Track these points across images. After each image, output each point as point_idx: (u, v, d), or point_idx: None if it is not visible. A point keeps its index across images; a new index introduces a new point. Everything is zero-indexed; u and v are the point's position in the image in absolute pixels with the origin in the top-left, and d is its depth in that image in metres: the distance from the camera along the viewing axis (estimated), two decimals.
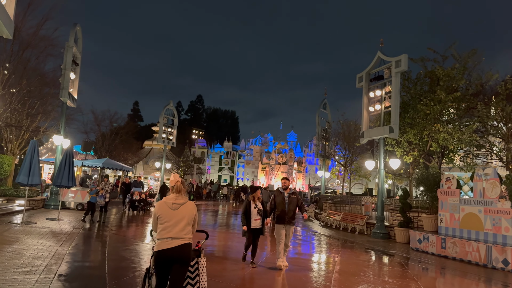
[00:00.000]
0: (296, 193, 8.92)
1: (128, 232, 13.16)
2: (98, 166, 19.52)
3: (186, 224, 4.33)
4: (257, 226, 8.38)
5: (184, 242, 4.26)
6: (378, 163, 16.26)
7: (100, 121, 32.51)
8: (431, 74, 16.21)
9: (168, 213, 4.29)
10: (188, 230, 4.36)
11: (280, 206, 8.39)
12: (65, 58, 17.45)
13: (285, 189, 8.60)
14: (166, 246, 4.16)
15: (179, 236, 4.24)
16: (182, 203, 4.38)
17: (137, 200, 18.88)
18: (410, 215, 15.14)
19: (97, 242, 10.54)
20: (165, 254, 4.16)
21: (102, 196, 14.28)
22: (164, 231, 4.22)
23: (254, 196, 8.59)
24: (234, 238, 13.22)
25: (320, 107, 29.58)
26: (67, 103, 18.25)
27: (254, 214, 8.38)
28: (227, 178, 77.31)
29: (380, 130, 16.18)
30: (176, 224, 4.25)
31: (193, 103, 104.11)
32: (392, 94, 15.77)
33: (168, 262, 4.18)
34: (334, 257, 11.04)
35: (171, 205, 4.33)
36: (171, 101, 33.73)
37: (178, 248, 4.19)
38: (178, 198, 4.40)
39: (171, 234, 4.19)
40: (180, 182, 4.52)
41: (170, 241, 4.17)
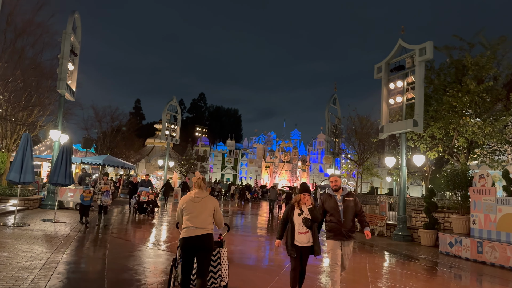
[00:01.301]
0: (353, 194, 6.34)
1: (132, 236, 11.89)
2: (98, 163, 18.33)
3: (207, 215, 4.88)
4: (303, 242, 5.69)
5: (206, 232, 4.79)
6: (400, 160, 15.05)
7: (101, 117, 31.38)
8: (457, 63, 14.99)
9: (190, 206, 4.88)
10: (209, 221, 4.89)
11: (333, 215, 5.97)
12: (62, 47, 16.27)
13: (337, 190, 6.13)
14: (190, 234, 4.73)
15: (201, 226, 4.77)
16: (203, 197, 4.95)
17: (145, 202, 16.39)
18: (436, 215, 13.95)
19: (96, 247, 9.36)
20: (189, 241, 4.73)
21: (108, 193, 12.51)
22: (188, 221, 4.81)
23: (300, 199, 5.87)
24: (246, 242, 12.06)
25: (329, 102, 28.35)
26: (65, 96, 17.09)
27: (298, 224, 5.76)
28: (230, 177, 76.20)
29: (402, 124, 14.97)
30: (198, 215, 4.81)
31: (195, 101, 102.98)
32: (416, 84, 14.56)
33: (192, 249, 4.73)
34: (359, 263, 9.85)
35: (193, 198, 4.92)
36: (175, 97, 32.59)
37: (200, 237, 4.72)
38: (199, 193, 4.97)
39: (193, 223, 4.76)
40: (201, 179, 5.10)
41: (193, 229, 4.74)
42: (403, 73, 15.54)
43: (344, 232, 5.90)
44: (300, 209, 5.82)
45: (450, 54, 15.33)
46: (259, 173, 75.06)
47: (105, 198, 12.43)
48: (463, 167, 13.83)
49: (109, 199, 12.57)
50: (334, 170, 27.98)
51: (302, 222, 5.72)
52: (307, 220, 5.73)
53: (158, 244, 10.22)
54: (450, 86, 14.79)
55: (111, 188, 12.93)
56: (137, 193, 16.94)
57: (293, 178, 68.44)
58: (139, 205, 16.34)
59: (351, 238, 6.00)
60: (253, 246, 11.37)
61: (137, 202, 16.49)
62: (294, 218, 5.79)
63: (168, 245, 10.23)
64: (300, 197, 5.88)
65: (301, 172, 71.02)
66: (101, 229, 11.93)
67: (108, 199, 12.48)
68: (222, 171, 77.11)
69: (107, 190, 12.56)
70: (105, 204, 12.47)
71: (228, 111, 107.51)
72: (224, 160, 78.38)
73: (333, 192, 6.14)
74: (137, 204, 16.39)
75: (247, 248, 10.86)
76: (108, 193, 12.53)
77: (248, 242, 11.91)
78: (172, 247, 9.88)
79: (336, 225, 5.92)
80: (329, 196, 6.17)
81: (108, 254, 8.29)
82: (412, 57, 15.02)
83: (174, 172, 48.63)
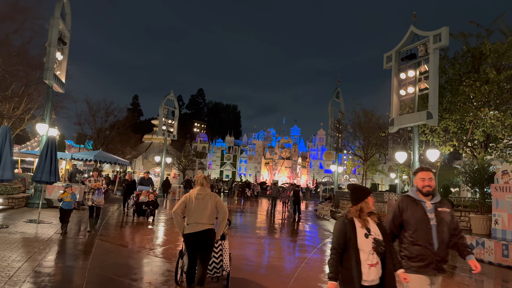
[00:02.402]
0: (448, 203, 4.02)
1: (122, 239, 10.44)
2: (89, 159, 17.25)
3: (210, 211, 5.13)
4: (374, 280, 3.42)
5: (207, 228, 5.07)
6: (412, 155, 14.02)
7: (95, 112, 30.18)
8: (474, 51, 13.93)
9: (193, 202, 5.10)
10: (212, 217, 5.16)
11: (419, 233, 3.73)
12: (50, 34, 15.15)
13: (427, 195, 3.82)
14: (192, 230, 5.03)
15: (203, 222, 5.05)
16: (205, 194, 5.21)
17: (144, 203, 14.27)
18: None
19: (79, 254, 8.30)
20: (192, 236, 5.03)
21: (100, 192, 10.56)
22: (190, 217, 5.09)
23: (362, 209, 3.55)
24: (249, 245, 11.03)
25: (333, 95, 27.33)
26: (54, 88, 16.00)
27: (367, 251, 3.43)
28: (229, 173, 75.19)
29: (414, 116, 13.94)
30: (200, 211, 5.07)
31: (194, 97, 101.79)
32: (430, 74, 13.51)
33: (195, 243, 5.05)
34: None
35: (196, 195, 5.16)
36: (172, 91, 31.48)
37: (202, 233, 5.01)
38: (202, 190, 5.24)
39: (196, 219, 5.04)
40: (204, 178, 5.35)
41: (195, 225, 5.02)
42: (415, 62, 14.49)
43: (436, 261, 3.71)
44: (366, 228, 3.50)
45: (467, 41, 14.26)
46: (258, 170, 74.08)
47: (98, 198, 10.54)
48: (480, 162, 12.83)
49: (102, 199, 10.71)
50: (337, 166, 26.97)
51: (372, 248, 3.44)
52: (379, 244, 3.48)
53: (151, 249, 9.17)
54: (467, 75, 13.74)
55: (103, 186, 10.89)
56: (136, 193, 15.22)
57: (293, 175, 67.46)
58: (137, 206, 14.32)
59: (443, 271, 3.82)
60: (255, 249, 10.36)
61: (135, 203, 14.53)
62: (359, 242, 3.43)
63: (163, 249, 9.19)
64: (364, 204, 3.55)
65: (301, 168, 70.05)
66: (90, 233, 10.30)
67: (101, 199, 10.62)
68: (221, 168, 76.10)
69: (99, 187, 10.61)
70: (98, 204, 10.54)
71: (227, 107, 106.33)
72: (223, 156, 77.33)
73: (420, 197, 3.83)
74: (136, 206, 14.42)
75: (250, 251, 9.84)
76: (100, 192, 10.63)
77: (249, 245, 10.90)
78: (167, 252, 8.85)
79: (424, 249, 3.70)
80: (412, 202, 3.84)
81: (92, 262, 7.24)
82: (425, 45, 13.96)
83: (172, 169, 47.58)
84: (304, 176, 69.84)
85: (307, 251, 10.47)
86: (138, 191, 15.02)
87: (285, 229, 16.03)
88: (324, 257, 9.76)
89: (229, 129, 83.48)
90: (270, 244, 11.53)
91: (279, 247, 11.34)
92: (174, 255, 8.15)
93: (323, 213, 21.65)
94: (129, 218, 14.54)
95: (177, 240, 10.05)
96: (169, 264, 7.51)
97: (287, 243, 12.25)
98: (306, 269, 8.01)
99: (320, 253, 10.40)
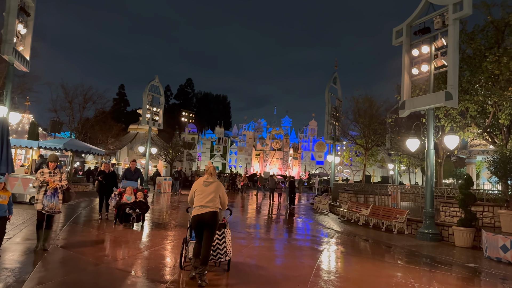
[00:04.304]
0: None
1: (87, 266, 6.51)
2: (58, 147, 15.10)
3: (215, 197, 5.94)
4: None
5: (212, 210, 5.83)
6: (426, 142, 12.32)
7: (72, 97, 27.76)
8: (499, 22, 12.21)
9: (201, 188, 6.01)
10: (216, 202, 5.94)
11: None
12: (7, 1, 12.99)
13: None
14: (199, 212, 5.80)
15: (208, 205, 5.82)
16: (212, 181, 6.08)
17: (129, 204, 10.55)
18: (472, 209, 11.29)
19: (14, 268, 6.37)
20: (198, 217, 5.80)
21: (55, 194, 7.25)
22: (197, 201, 5.92)
23: None
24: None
25: (330, 81, 25.52)
26: (15, 65, 13.86)
27: None
28: (219, 165, 73.40)
29: (430, 97, 12.21)
30: (206, 196, 5.89)
31: (182, 87, 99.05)
32: (449, 48, 11.75)
33: (201, 223, 5.78)
34: (377, 276, 7.07)
35: (203, 183, 6.05)
36: (157, 76, 29.32)
37: (207, 214, 5.77)
38: (209, 178, 6.09)
39: (202, 203, 5.84)
40: (213, 168, 6.28)
41: (201, 208, 5.81)
42: (430, 36, 12.75)
43: None
44: None
45: (490, 12, 12.50)
46: (249, 162, 72.43)
47: (50, 201, 7.16)
48: (499, 149, 11.20)
49: (58, 203, 7.28)
50: (334, 157, 25.26)
51: None
52: None
53: (116, 260, 7.27)
54: (489, 51, 12.02)
55: (62, 184, 7.42)
56: (118, 190, 11.54)
57: (285, 166, 65.96)
58: (120, 209, 10.56)
59: None
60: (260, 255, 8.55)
61: (117, 205, 10.82)
62: None
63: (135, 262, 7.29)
64: None
65: (292, 160, 68.55)
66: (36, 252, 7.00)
67: (55, 203, 7.22)
68: (211, 160, 74.21)
69: (55, 187, 7.25)
70: (50, 211, 7.17)
71: (217, 97, 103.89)
72: (212, 148, 75.44)
73: None
74: (118, 208, 10.71)
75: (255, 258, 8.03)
76: (55, 193, 7.25)
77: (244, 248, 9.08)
78: (139, 265, 6.98)
79: None
80: None
81: (32, 276, 5.32)
82: (442, 16, 12.20)
83: (159, 160, 45.49)
84: (295, 168, 68.39)
85: (314, 258, 8.70)
86: (122, 188, 11.47)
87: (284, 227, 14.28)
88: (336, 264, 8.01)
89: (219, 120, 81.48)
90: (266, 247, 9.73)
91: (280, 249, 9.56)
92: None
93: (321, 207, 19.97)
94: (107, 226, 10.64)
95: None
96: None
97: (288, 244, 10.49)
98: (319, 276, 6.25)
99: (331, 259, 8.65)
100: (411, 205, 17.41)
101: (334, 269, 7.55)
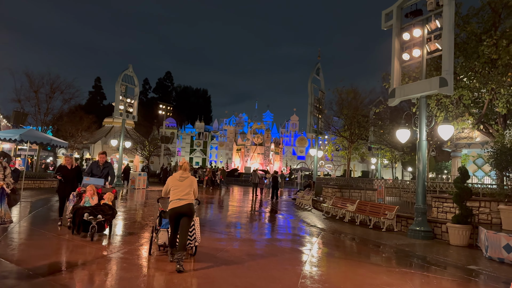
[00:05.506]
0: None
1: None
2: (14, 138, 13.39)
3: (190, 190, 6.46)
4: None
5: (188, 202, 6.39)
6: (418, 133, 11.40)
7: (38, 87, 25.73)
8: (496, 3, 11.36)
9: (177, 183, 6.46)
10: (191, 195, 6.48)
11: None
12: None
13: None
14: (177, 205, 6.30)
15: (185, 198, 6.36)
16: (186, 176, 6.56)
17: (90, 209, 8.13)
18: (468, 205, 10.45)
19: None
20: (177, 209, 6.31)
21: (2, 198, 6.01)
22: (175, 195, 6.37)
23: None
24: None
25: (313, 72, 24.51)
26: None
27: None
28: (199, 160, 71.82)
29: (423, 84, 11.27)
30: (183, 190, 6.39)
31: (161, 80, 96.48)
32: (444, 30, 10.83)
33: (178, 215, 6.32)
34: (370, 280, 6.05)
35: (179, 178, 6.51)
36: (130, 65, 27.70)
37: (185, 206, 6.32)
38: (184, 173, 6.58)
39: (180, 196, 6.34)
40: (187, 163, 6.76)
41: (179, 201, 6.31)
42: (422, 19, 11.81)
43: None
44: None
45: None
46: (230, 157, 71.12)
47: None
48: (499, 140, 10.38)
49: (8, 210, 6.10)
50: (317, 151, 24.32)
51: None
52: None
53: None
54: (486, 34, 11.15)
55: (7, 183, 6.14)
56: (78, 189, 9.08)
57: (266, 161, 65.02)
58: (76, 214, 8.14)
59: None
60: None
61: (74, 210, 8.31)
62: None
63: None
64: None
65: (274, 155, 67.67)
66: None
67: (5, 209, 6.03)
68: (191, 155, 72.59)
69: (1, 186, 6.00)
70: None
71: (197, 91, 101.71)
72: (192, 143, 73.78)
73: None
74: (74, 214, 8.24)
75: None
76: (2, 197, 6.01)
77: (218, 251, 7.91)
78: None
79: None
80: None
81: None
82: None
83: (135, 155, 43.69)
84: (277, 163, 67.54)
85: (299, 263, 7.62)
86: (82, 187, 9.07)
87: (266, 225, 13.18)
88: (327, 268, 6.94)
89: (199, 114, 79.73)
90: (246, 251, 8.58)
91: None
92: None
93: (304, 203, 18.97)
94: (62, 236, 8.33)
95: None
96: None
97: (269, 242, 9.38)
98: None
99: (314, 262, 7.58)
100: (396, 199, 16.65)
101: (324, 278, 6.46)
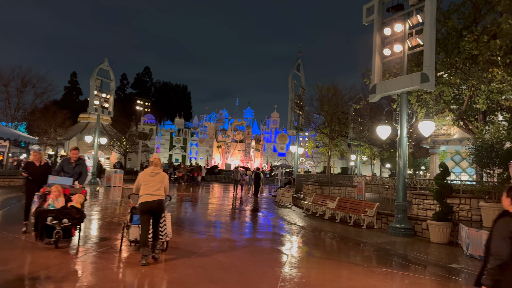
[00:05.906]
0: None
1: None
2: None
3: (160, 186, 6.54)
4: None
5: (159, 198, 6.47)
6: (399, 129, 11.25)
7: (9, 80, 24.55)
8: (477, 0, 11.28)
9: (148, 179, 6.49)
10: (162, 191, 6.56)
11: None
12: None
13: None
14: (147, 199, 6.34)
15: (156, 193, 6.41)
16: (158, 172, 6.60)
17: (55, 212, 7.15)
18: (448, 202, 10.37)
19: None
20: (146, 205, 6.33)
21: None
22: (145, 190, 6.40)
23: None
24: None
25: (293, 68, 24.26)
26: None
27: None
28: (179, 157, 70.86)
29: (405, 80, 11.10)
30: (154, 186, 6.43)
31: (139, 76, 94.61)
32: (426, 25, 10.66)
33: (149, 210, 6.35)
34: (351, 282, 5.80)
35: (150, 173, 6.54)
36: (106, 59, 26.78)
37: (155, 202, 6.37)
38: (155, 169, 6.61)
39: (150, 191, 6.37)
40: (158, 159, 6.81)
41: (149, 196, 6.34)
42: (404, 13, 11.64)
43: None
44: None
45: None
46: (210, 153, 70.43)
47: None
48: (480, 136, 10.33)
49: None
50: (297, 147, 24.11)
51: None
52: None
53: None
54: (467, 30, 11.08)
55: None
56: (42, 190, 7.96)
57: (247, 158, 64.64)
58: (39, 220, 7.15)
59: None
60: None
61: (36, 214, 7.33)
62: None
63: None
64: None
65: (254, 152, 67.36)
66: None
67: None
68: (170, 151, 71.53)
69: None
70: None
71: (177, 87, 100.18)
72: (172, 139, 72.69)
73: None
74: (37, 217, 7.24)
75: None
76: None
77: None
78: None
79: None
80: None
81: None
82: None
83: (112, 152, 42.57)
84: (257, 160, 67.27)
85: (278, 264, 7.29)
86: (47, 187, 7.96)
87: (246, 224, 12.82)
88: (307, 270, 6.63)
89: (178, 110, 78.56)
90: (223, 252, 8.19)
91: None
92: None
93: (284, 200, 18.71)
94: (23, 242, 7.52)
95: None
96: None
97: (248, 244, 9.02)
98: None
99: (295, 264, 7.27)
100: (375, 196, 16.58)
101: (305, 280, 6.16)
